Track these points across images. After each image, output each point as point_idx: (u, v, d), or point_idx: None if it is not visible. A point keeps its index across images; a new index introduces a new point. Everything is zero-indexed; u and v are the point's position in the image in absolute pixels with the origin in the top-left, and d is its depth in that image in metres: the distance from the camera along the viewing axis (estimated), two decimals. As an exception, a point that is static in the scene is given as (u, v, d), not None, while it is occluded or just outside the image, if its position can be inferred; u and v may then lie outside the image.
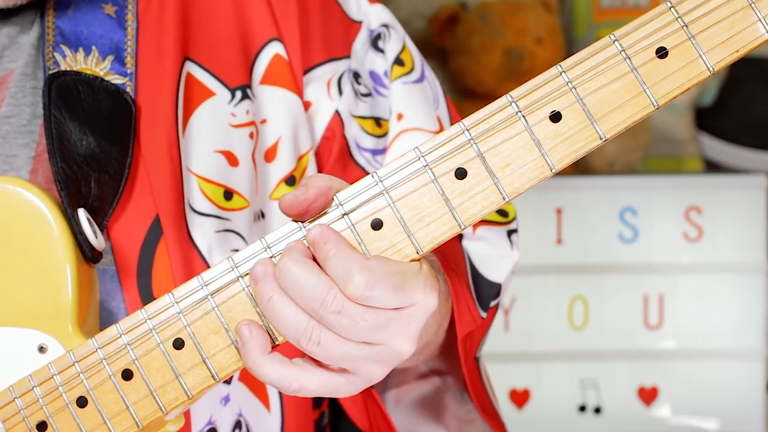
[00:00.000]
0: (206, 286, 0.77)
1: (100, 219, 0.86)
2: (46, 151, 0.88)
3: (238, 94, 0.95)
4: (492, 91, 2.27)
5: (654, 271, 2.18)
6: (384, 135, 1.00)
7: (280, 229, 0.77)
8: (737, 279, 2.18)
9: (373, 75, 1.01)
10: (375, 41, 1.02)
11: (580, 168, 2.26)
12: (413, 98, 1.01)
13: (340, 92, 0.98)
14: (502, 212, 1.03)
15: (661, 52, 0.72)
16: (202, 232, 0.91)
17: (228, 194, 0.93)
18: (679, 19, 0.71)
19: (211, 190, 0.92)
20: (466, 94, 2.35)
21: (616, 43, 0.72)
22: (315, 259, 0.75)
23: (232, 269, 0.77)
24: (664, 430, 2.19)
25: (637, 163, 2.32)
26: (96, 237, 0.84)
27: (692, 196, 2.18)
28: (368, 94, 1.01)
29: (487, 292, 1.00)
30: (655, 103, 0.72)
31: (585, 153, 0.73)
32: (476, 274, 0.99)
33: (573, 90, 0.73)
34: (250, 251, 0.77)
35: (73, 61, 0.90)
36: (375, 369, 0.76)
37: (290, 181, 0.97)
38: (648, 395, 2.19)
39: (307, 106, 0.98)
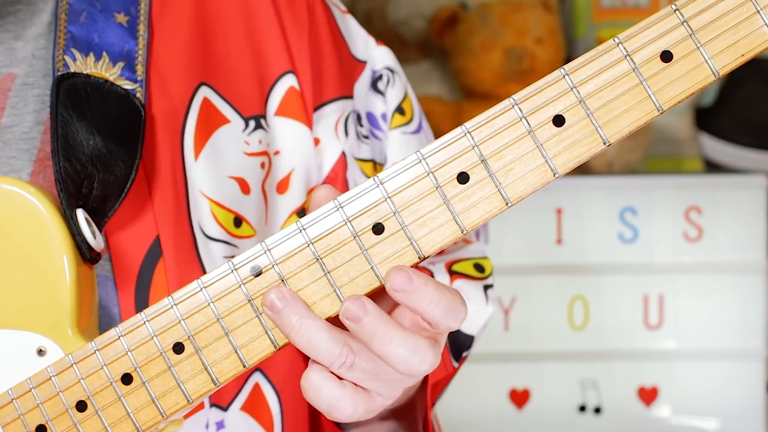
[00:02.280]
0: (205, 288, 0.77)
1: (100, 219, 0.85)
2: (48, 158, 0.88)
3: (252, 123, 0.95)
4: (492, 91, 2.27)
5: (654, 271, 2.18)
6: None
7: (280, 232, 0.76)
8: (737, 279, 2.18)
9: (370, 117, 1.02)
10: (375, 82, 1.02)
11: (580, 168, 2.26)
12: (409, 150, 1.01)
13: (346, 133, 0.99)
14: (479, 267, 1.04)
15: (666, 56, 0.71)
16: (212, 258, 0.91)
17: (238, 221, 0.93)
18: (684, 24, 0.71)
19: (222, 216, 0.92)
20: (466, 94, 2.35)
21: (620, 46, 0.72)
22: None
23: (231, 271, 0.76)
24: (664, 430, 2.19)
25: (637, 163, 2.32)
26: (95, 238, 0.83)
27: (692, 196, 2.18)
28: (367, 137, 1.01)
29: (461, 344, 1.00)
30: (659, 108, 0.71)
31: (589, 158, 0.72)
32: None
33: (576, 93, 0.72)
34: (250, 253, 0.76)
35: (83, 64, 0.89)
36: (389, 392, 0.77)
37: (301, 213, 0.97)
38: (648, 395, 2.19)
39: (316, 142, 0.98)
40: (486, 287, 1.04)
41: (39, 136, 0.89)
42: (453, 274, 1.02)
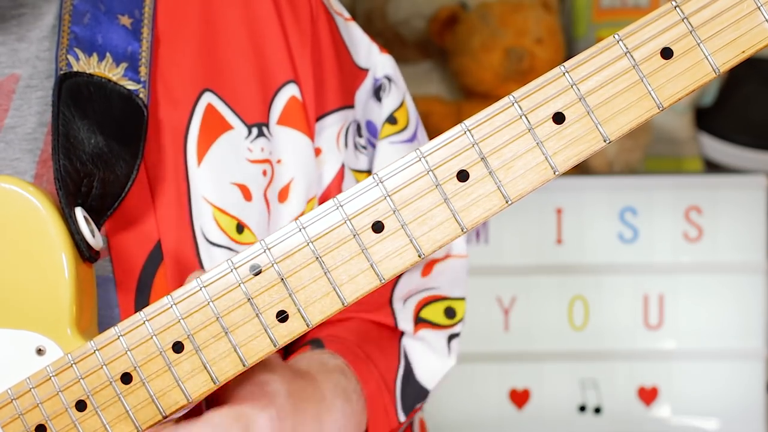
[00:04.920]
0: (205, 287, 0.77)
1: (99, 218, 0.85)
2: (51, 159, 0.88)
3: (255, 130, 0.95)
4: (492, 91, 2.27)
5: (654, 271, 2.18)
6: None
7: (279, 231, 0.76)
8: (737, 279, 2.18)
9: (369, 125, 1.01)
10: (377, 91, 1.02)
11: (580, 168, 2.26)
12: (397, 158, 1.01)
13: (346, 144, 0.98)
14: (449, 312, 1.04)
15: (666, 53, 0.71)
16: (213, 263, 0.91)
17: (240, 227, 0.93)
18: (684, 20, 0.71)
19: (225, 222, 0.92)
20: (466, 94, 2.35)
21: (620, 43, 0.72)
22: None
23: (231, 270, 0.76)
24: (664, 430, 2.19)
25: (637, 163, 2.32)
26: (93, 236, 0.83)
27: (692, 196, 2.18)
28: (366, 147, 1.01)
29: (413, 395, 1.00)
30: (660, 105, 0.71)
31: (589, 155, 0.72)
32: (409, 374, 1.00)
33: (576, 91, 0.72)
34: (250, 252, 0.76)
35: (86, 64, 0.89)
36: None
37: None
38: (648, 395, 2.19)
39: (317, 152, 0.98)
40: (451, 337, 1.03)
41: (42, 137, 0.89)
42: (419, 322, 1.02)
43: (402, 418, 0.99)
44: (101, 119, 0.88)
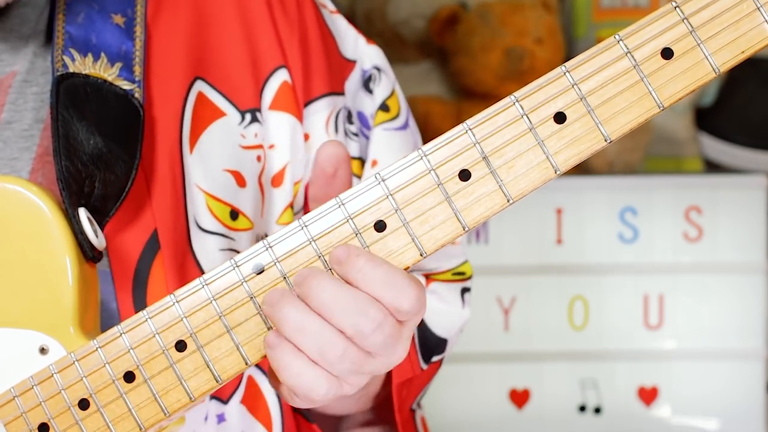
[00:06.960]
0: (207, 285, 0.77)
1: (101, 218, 0.86)
2: (47, 153, 0.88)
3: (248, 116, 0.96)
4: (492, 91, 2.27)
5: (654, 271, 2.18)
6: None
7: (282, 229, 0.77)
8: (737, 279, 2.18)
9: (360, 116, 1.02)
10: (367, 82, 1.02)
11: (580, 168, 2.26)
12: (392, 145, 1.01)
13: (336, 130, 0.99)
14: (458, 273, 1.04)
15: (667, 53, 0.72)
16: (206, 250, 0.91)
17: (234, 214, 0.94)
18: (685, 21, 0.71)
19: (218, 209, 0.93)
20: (466, 94, 2.35)
21: (621, 43, 0.72)
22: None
23: (233, 269, 0.77)
24: (664, 430, 2.19)
25: (637, 163, 2.32)
26: (97, 236, 0.84)
27: (692, 196, 2.18)
28: (357, 134, 1.01)
29: (431, 346, 1.00)
30: (660, 105, 0.72)
31: (590, 155, 0.72)
32: (423, 327, 1.00)
33: (577, 90, 0.72)
34: (252, 251, 0.77)
35: (82, 65, 0.90)
36: (358, 381, 0.78)
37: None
38: (648, 395, 2.19)
39: (306, 137, 0.98)
40: (464, 290, 1.04)
41: (38, 133, 0.90)
42: (429, 277, 1.03)
43: (424, 366, 0.99)
44: (99, 120, 0.88)
